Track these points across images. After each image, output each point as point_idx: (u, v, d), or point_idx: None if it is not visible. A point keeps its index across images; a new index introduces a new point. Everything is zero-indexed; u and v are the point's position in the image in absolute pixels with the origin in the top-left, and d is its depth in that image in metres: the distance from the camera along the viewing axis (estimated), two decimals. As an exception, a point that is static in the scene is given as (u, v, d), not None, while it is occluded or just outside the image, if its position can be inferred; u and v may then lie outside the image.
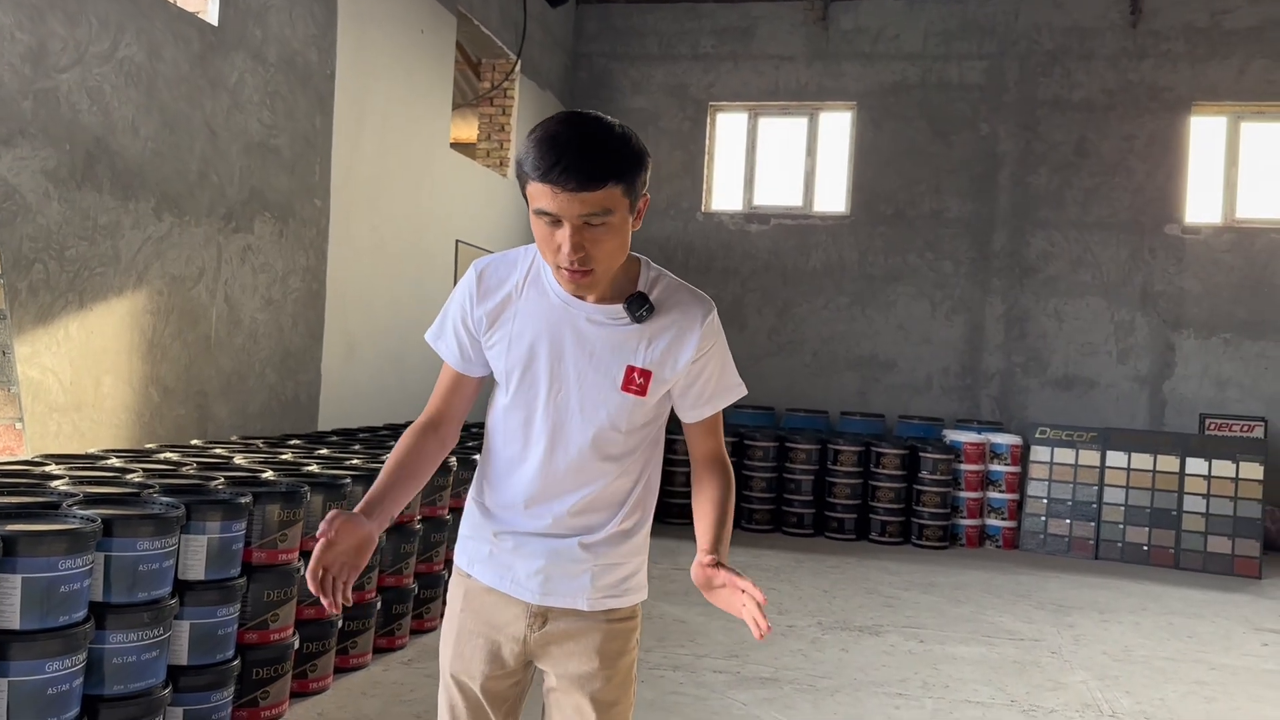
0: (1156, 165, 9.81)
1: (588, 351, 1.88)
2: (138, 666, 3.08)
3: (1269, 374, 9.56)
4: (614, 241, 1.76)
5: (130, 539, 3.07)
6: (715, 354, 1.94)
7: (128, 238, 4.93)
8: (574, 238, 1.72)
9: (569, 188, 1.67)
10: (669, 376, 1.90)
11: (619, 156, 1.71)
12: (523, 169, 1.73)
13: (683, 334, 1.89)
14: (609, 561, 1.96)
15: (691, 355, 1.90)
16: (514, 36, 9.37)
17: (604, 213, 1.71)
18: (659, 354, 1.89)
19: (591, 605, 1.95)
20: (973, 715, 4.34)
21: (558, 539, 1.94)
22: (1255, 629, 6.24)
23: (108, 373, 4.85)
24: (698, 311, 1.91)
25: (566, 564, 1.94)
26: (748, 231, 10.59)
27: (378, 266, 7.28)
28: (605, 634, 1.97)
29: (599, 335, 1.87)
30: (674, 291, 1.92)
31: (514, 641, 1.97)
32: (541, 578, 1.94)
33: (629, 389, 1.88)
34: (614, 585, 1.98)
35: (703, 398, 1.96)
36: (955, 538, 8.76)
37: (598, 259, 1.75)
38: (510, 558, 1.96)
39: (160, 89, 5.08)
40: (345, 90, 6.73)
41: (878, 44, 10.34)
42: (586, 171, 1.67)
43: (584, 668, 1.95)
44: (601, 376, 1.88)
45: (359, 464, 4.65)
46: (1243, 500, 8.22)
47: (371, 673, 4.46)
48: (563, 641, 1.96)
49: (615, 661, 1.98)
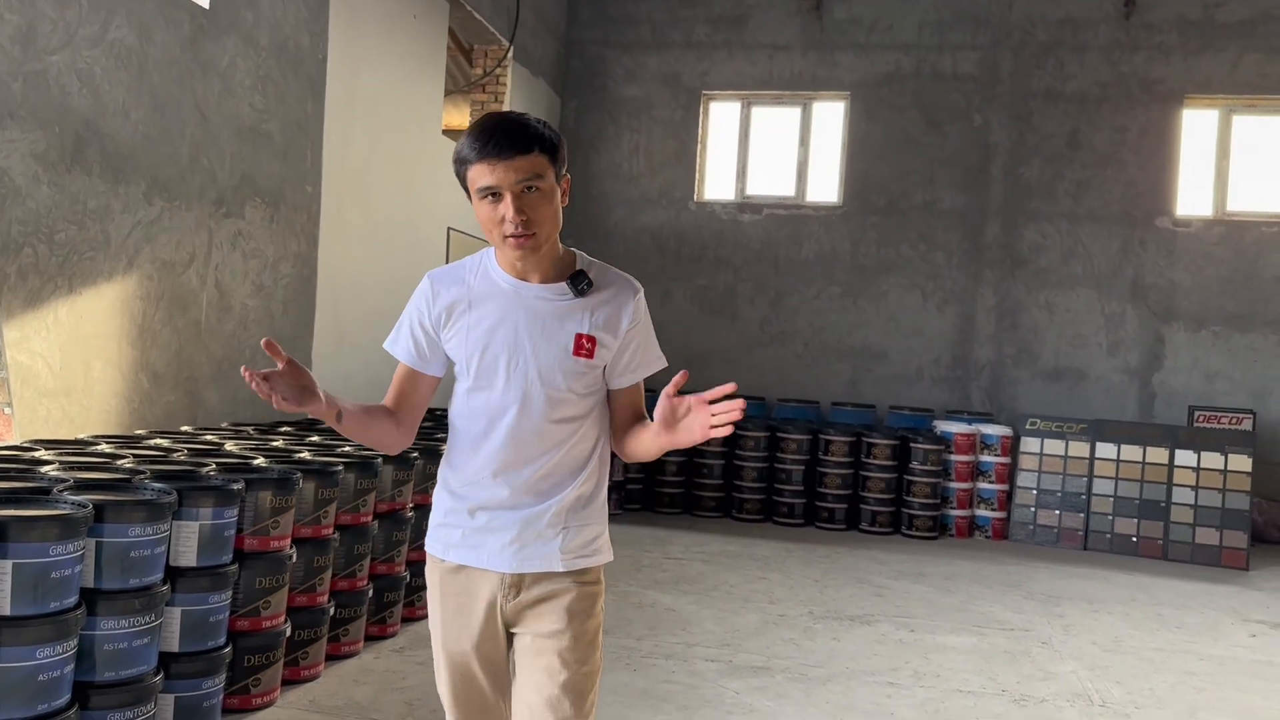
0: (1148, 158, 9.82)
1: (540, 325, 2.12)
2: (129, 653, 3.06)
3: (1258, 367, 9.60)
4: (548, 208, 2.05)
5: (122, 525, 3.05)
6: (644, 326, 2.23)
7: (118, 222, 4.88)
8: (515, 203, 2.01)
9: (504, 155, 1.99)
10: (611, 343, 2.16)
11: (538, 130, 2.04)
12: (462, 160, 2.05)
13: (620, 307, 2.17)
14: (577, 524, 2.16)
15: (627, 325, 2.17)
16: (506, 23, 9.32)
17: (536, 177, 2.02)
18: (601, 322, 2.15)
19: (566, 565, 2.13)
20: (964, 704, 4.35)
21: (527, 508, 2.13)
22: (1243, 620, 6.28)
23: (97, 358, 4.81)
24: (630, 288, 2.21)
25: (539, 529, 2.12)
26: (740, 221, 10.57)
27: (369, 253, 7.24)
28: (575, 594, 2.14)
29: (548, 310, 2.13)
30: (607, 272, 2.22)
31: (491, 611, 2.14)
32: (516, 547, 2.12)
33: (579, 354, 2.12)
34: (583, 546, 2.16)
35: (632, 365, 2.22)
36: (945, 528, 8.79)
37: (538, 222, 2.03)
38: (482, 535, 2.14)
39: (151, 72, 5.04)
40: (337, 75, 6.68)
41: (872, 34, 10.32)
42: (515, 140, 2.00)
43: (554, 625, 2.11)
44: (554, 345, 2.12)
45: (350, 450, 4.63)
46: (1231, 492, 8.26)
47: (363, 660, 4.44)
48: (535, 604, 2.13)
49: (584, 622, 2.14)
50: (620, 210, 10.72)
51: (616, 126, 10.82)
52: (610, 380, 2.22)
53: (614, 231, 10.65)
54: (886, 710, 4.22)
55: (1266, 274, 9.62)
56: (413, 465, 4.87)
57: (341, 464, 4.26)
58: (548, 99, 10.53)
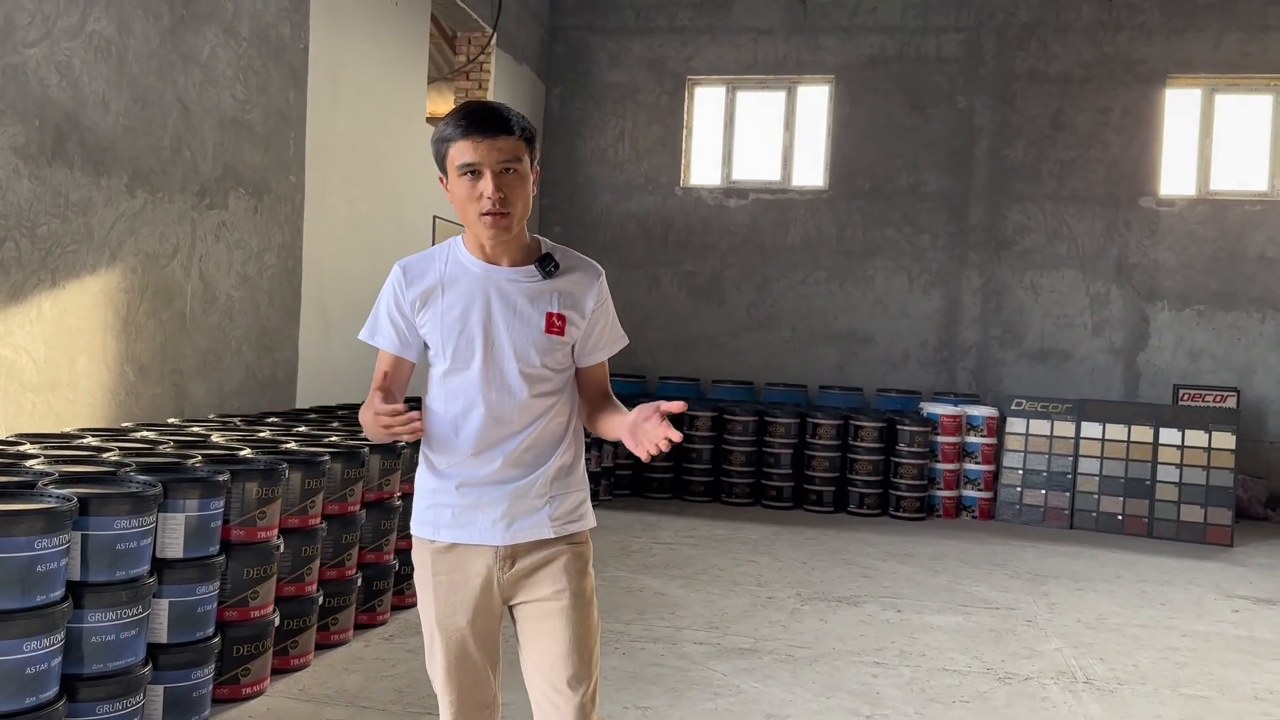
0: (1131, 138, 9.85)
1: (511, 306, 2.21)
2: (117, 645, 3.08)
3: (1241, 344, 9.67)
4: (523, 190, 2.15)
5: (108, 518, 3.07)
6: (608, 306, 2.34)
7: (100, 214, 4.87)
8: (495, 181, 2.11)
9: (488, 134, 2.10)
10: (579, 321, 2.26)
11: (518, 117, 2.17)
12: (444, 139, 2.14)
13: (586, 288, 2.28)
14: (562, 492, 2.27)
15: (592, 305, 2.28)
16: (489, 9, 9.29)
17: (515, 159, 2.13)
18: (569, 302, 2.25)
19: (556, 531, 2.23)
20: (949, 683, 4.40)
21: (514, 482, 2.21)
22: (1226, 596, 6.35)
23: (82, 351, 4.81)
24: (593, 272, 2.32)
25: (528, 501, 2.22)
26: (726, 206, 10.58)
27: (355, 242, 7.23)
28: (569, 556, 2.25)
29: (518, 290, 2.22)
30: (572, 255, 2.32)
31: (487, 585, 2.22)
32: (506, 520, 2.21)
33: (551, 331, 2.22)
34: (570, 512, 2.28)
35: (600, 344, 2.34)
36: (932, 509, 8.84)
37: (513, 202, 2.13)
38: (472, 512, 2.21)
39: (131, 64, 5.02)
40: (319, 64, 6.66)
41: (855, 17, 10.31)
42: (498, 122, 2.12)
43: (554, 587, 2.22)
44: (526, 324, 2.21)
45: (337, 440, 4.64)
46: (1215, 470, 8.33)
47: (353, 648, 4.47)
48: (532, 572, 2.23)
49: (580, 580, 2.26)
50: (606, 196, 10.72)
51: (601, 112, 10.81)
52: (579, 358, 2.32)
53: (600, 218, 10.65)
54: (872, 690, 4.27)
55: (1250, 252, 9.68)
56: (400, 454, 4.88)
57: (328, 454, 4.27)
58: (532, 85, 10.51)
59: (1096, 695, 4.34)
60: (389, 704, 3.84)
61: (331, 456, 4.29)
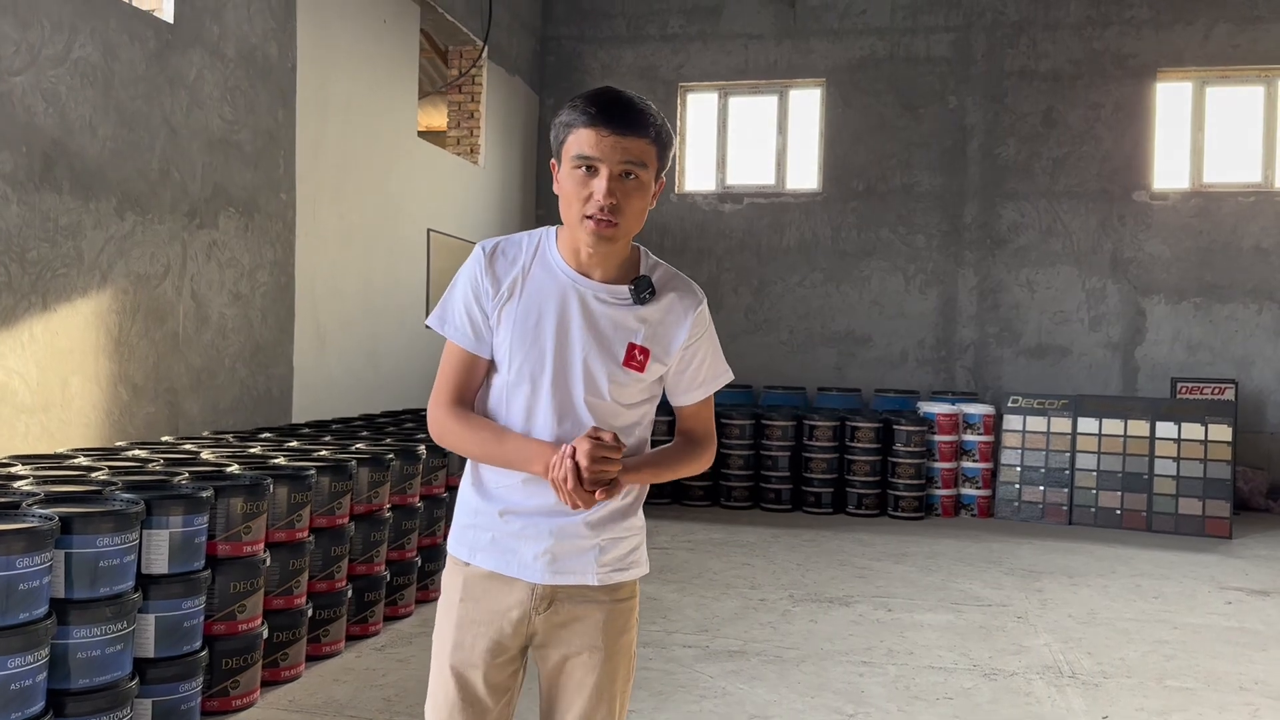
0: (1123, 133, 9.87)
1: (592, 326, 1.95)
2: (102, 660, 3.15)
3: (1239, 336, 9.66)
4: (640, 201, 1.90)
5: (90, 535, 3.13)
6: (705, 341, 2.06)
7: (90, 238, 4.96)
8: (610, 183, 1.85)
9: (616, 129, 1.84)
10: (665, 358, 2.00)
11: (658, 118, 1.91)
12: (567, 120, 1.88)
13: (679, 319, 2.01)
14: (613, 536, 2.01)
15: (684, 340, 2.01)
16: (480, 23, 9.37)
17: (639, 165, 1.87)
18: (656, 335, 1.99)
19: (601, 580, 1.99)
20: (934, 680, 4.43)
21: (562, 517, 1.96)
22: (1221, 588, 6.36)
23: (75, 373, 4.89)
24: (691, 300, 2.04)
25: (573, 540, 1.97)
26: (721, 211, 10.64)
27: (347, 258, 7.31)
28: (609, 613, 2.02)
29: (604, 312, 1.96)
30: (671, 279, 2.05)
31: (518, 625, 1.99)
32: (549, 557, 1.96)
33: (630, 364, 1.96)
34: (619, 559, 2.02)
35: (695, 382, 2.08)
36: (931, 508, 8.86)
37: (625, 213, 1.88)
38: (515, 541, 1.98)
39: (117, 88, 5.11)
40: (307, 83, 6.75)
41: (845, 19, 10.36)
42: (633, 118, 1.86)
43: (589, 643, 2.00)
44: (604, 351, 1.95)
45: (327, 455, 4.71)
46: (1212, 462, 8.33)
47: (344, 660, 4.53)
48: (569, 623, 2.00)
49: (618, 639, 2.03)
50: (602, 205, 10.76)
51: (595, 121, 10.85)
52: (671, 395, 2.10)
53: (596, 226, 10.70)
54: (858, 688, 4.31)
55: (1244, 244, 9.68)
56: (389, 466, 4.95)
57: (314, 468, 4.33)
58: (525, 97, 10.59)
59: (1081, 689, 4.37)
60: (376, 713, 3.90)
61: (318, 470, 4.36)
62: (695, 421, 2.12)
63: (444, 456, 5.63)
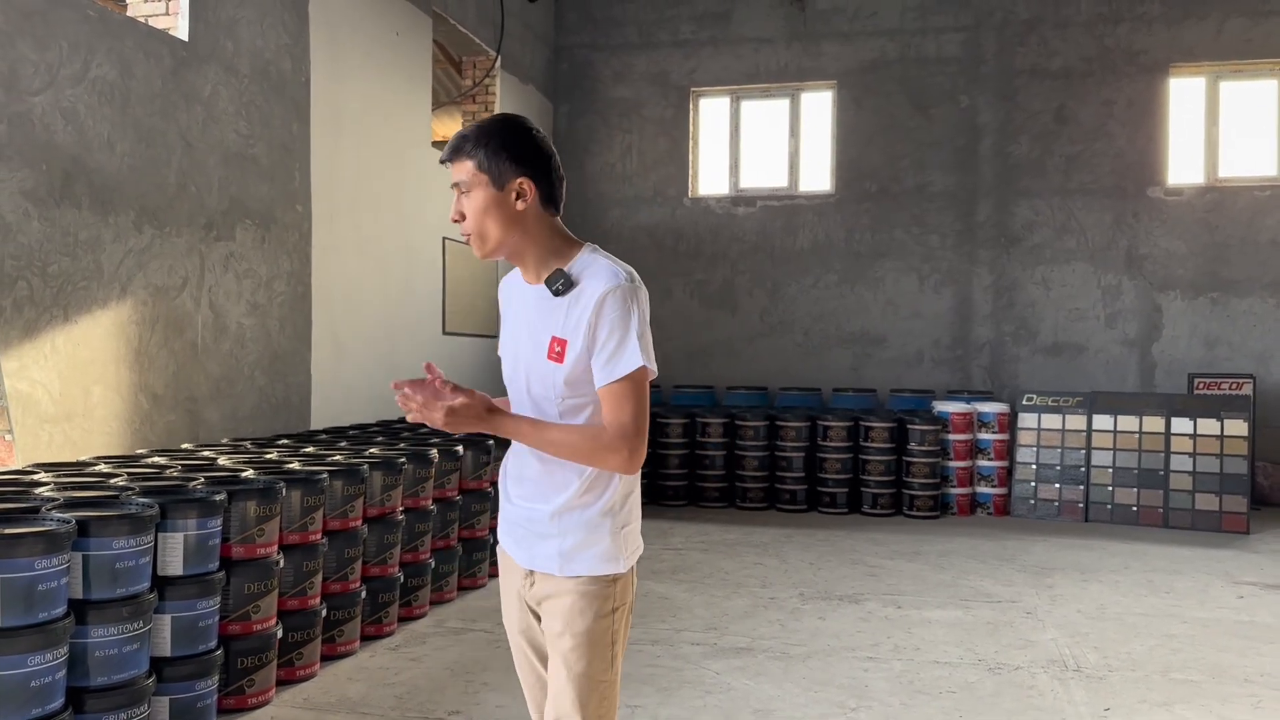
0: (1137, 129, 9.85)
1: (529, 326, 2.16)
2: (119, 659, 3.27)
3: (1256, 331, 9.61)
4: (478, 210, 2.11)
5: (107, 538, 3.25)
6: (609, 323, 2.03)
7: (109, 251, 5.10)
8: (454, 206, 2.16)
9: (444, 163, 2.18)
10: (582, 345, 2.05)
11: (472, 134, 2.13)
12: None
13: (588, 304, 2.05)
14: (572, 531, 2.13)
15: (590, 320, 2.04)
16: (493, 33, 9.50)
17: (462, 181, 2.13)
18: (574, 321, 2.07)
19: (561, 570, 2.13)
20: (938, 675, 4.48)
21: (530, 506, 2.18)
22: (1234, 582, 6.35)
23: (96, 383, 5.04)
24: (603, 281, 2.05)
25: (538, 529, 2.17)
26: (735, 215, 10.70)
27: (364, 267, 7.44)
28: (573, 599, 2.12)
29: (538, 310, 2.14)
30: (595, 266, 2.10)
31: (521, 596, 2.25)
32: (526, 543, 2.20)
33: (551, 357, 2.09)
34: (577, 553, 2.13)
35: (598, 365, 2.05)
36: (947, 507, 8.88)
37: (470, 220, 2.13)
38: (509, 527, 2.26)
39: (134, 106, 5.25)
40: (321, 96, 6.88)
41: (855, 22, 10.41)
42: (449, 149, 2.15)
43: (554, 627, 2.15)
44: (536, 348, 2.13)
45: (341, 459, 4.82)
46: (1229, 457, 8.30)
47: (359, 659, 4.64)
48: (543, 601, 2.19)
49: (582, 628, 2.12)
50: (616, 210, 10.88)
51: (608, 128, 10.98)
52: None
53: (610, 232, 10.80)
54: (862, 683, 4.36)
55: (1261, 238, 9.63)
56: (401, 470, 5.05)
57: (327, 472, 4.44)
58: (539, 105, 10.71)
59: (1085, 682, 4.40)
60: (388, 710, 4.00)
61: (330, 475, 4.47)
62: (605, 408, 2.07)
63: (456, 461, 5.74)
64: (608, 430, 2.05)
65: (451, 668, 4.50)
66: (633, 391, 2.04)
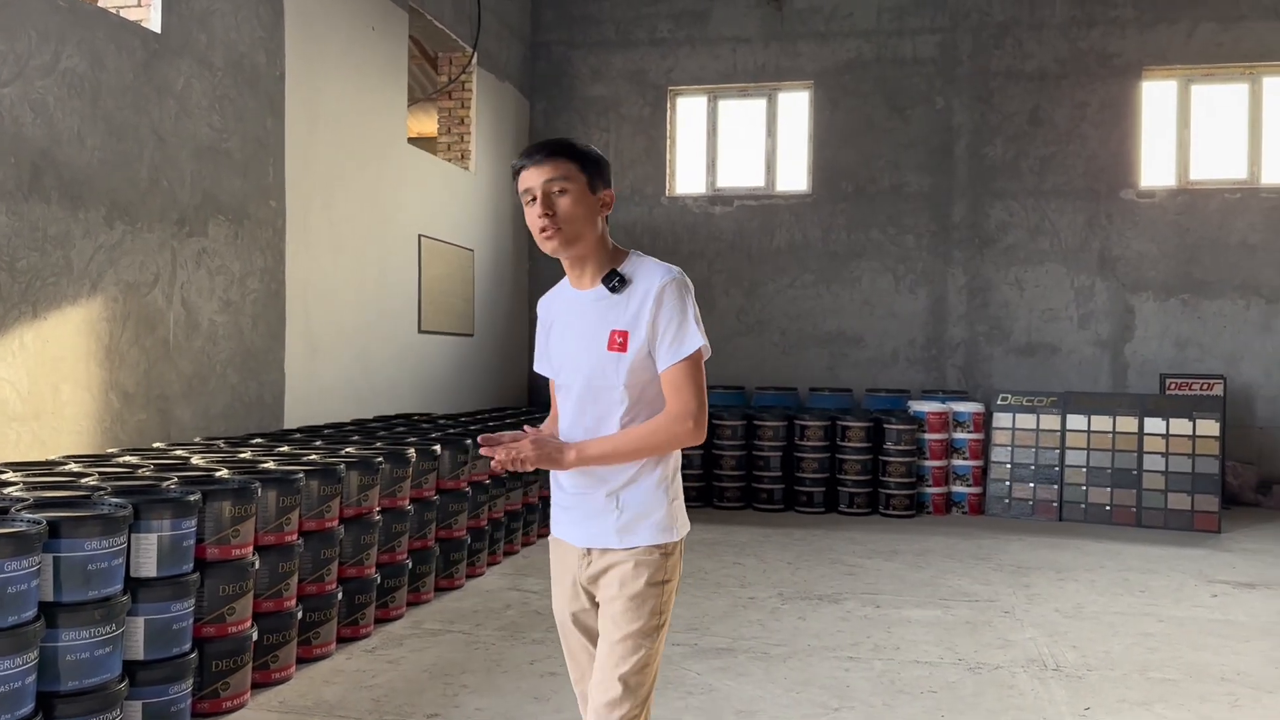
0: (1109, 131, 9.94)
1: (585, 328, 2.39)
2: (91, 662, 3.19)
3: (1226, 332, 9.72)
4: (576, 206, 2.30)
5: (79, 539, 3.17)
6: (669, 310, 2.31)
7: (79, 247, 5.00)
8: (543, 200, 2.30)
9: (536, 161, 2.32)
10: (645, 333, 2.32)
11: (573, 143, 2.37)
12: (513, 173, 2.37)
13: (647, 295, 2.33)
14: (629, 506, 2.37)
15: (651, 310, 2.31)
16: (469, 29, 9.43)
17: (563, 178, 2.30)
18: (633, 314, 2.33)
19: (621, 542, 2.37)
20: (918, 674, 4.48)
21: (589, 490, 2.40)
22: (1208, 581, 6.40)
23: (66, 380, 4.94)
24: (656, 277, 2.34)
25: (596, 508, 2.39)
26: (712, 214, 10.69)
27: (338, 264, 7.36)
28: (630, 566, 2.35)
29: (593, 311, 2.38)
30: (646, 264, 2.39)
31: (575, 579, 2.45)
32: (584, 525, 2.42)
33: (613, 348, 2.34)
34: (635, 525, 2.37)
35: (663, 349, 2.33)
36: (922, 506, 8.91)
37: (562, 217, 2.29)
38: (565, 513, 2.48)
39: (105, 98, 5.15)
40: (296, 90, 6.80)
41: (832, 22, 10.43)
42: (549, 148, 2.34)
43: (609, 591, 2.37)
44: (594, 344, 2.37)
45: (317, 459, 4.75)
46: (1200, 457, 8.38)
47: (335, 661, 4.57)
48: (599, 576, 2.40)
49: (634, 590, 2.34)
50: (593, 209, 10.81)
51: (585, 126, 10.94)
52: (656, 365, 2.35)
53: (587, 230, 10.74)
54: (843, 683, 4.35)
55: (1231, 240, 9.74)
56: (378, 470, 4.99)
57: (302, 472, 4.37)
58: (515, 102, 10.65)
59: (1064, 681, 4.41)
60: (366, 713, 3.94)
61: (306, 474, 4.40)
62: (668, 390, 2.34)
63: (434, 461, 5.68)
64: (672, 409, 2.33)
65: (430, 670, 4.44)
66: (693, 370, 2.34)
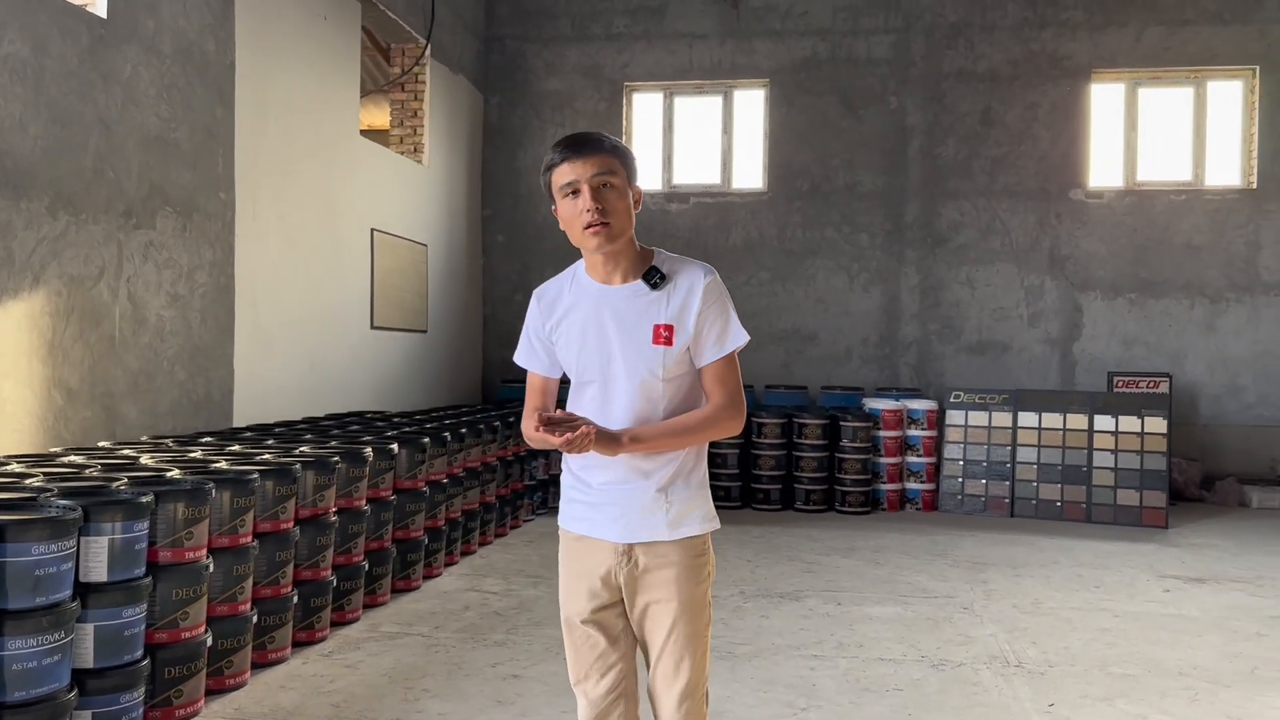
0: (1059, 132, 10.07)
1: (622, 322, 2.37)
2: (39, 672, 3.06)
3: (1173, 331, 9.91)
4: (621, 201, 2.31)
5: (25, 544, 3.04)
6: (716, 307, 2.37)
7: (20, 238, 4.82)
8: (592, 194, 2.28)
9: (583, 154, 2.29)
10: (689, 328, 2.35)
11: (613, 140, 2.38)
12: (548, 164, 2.34)
13: (691, 291, 2.36)
14: (679, 497, 2.38)
15: (698, 308, 2.35)
16: (422, 21, 9.28)
17: (609, 172, 2.29)
18: (676, 310, 2.36)
19: (670, 535, 2.37)
20: (884, 672, 4.48)
21: (632, 484, 2.37)
22: (1159, 576, 6.51)
23: (6, 377, 4.75)
24: (699, 274, 2.39)
25: (644, 503, 2.37)
26: (668, 211, 10.65)
27: (289, 259, 7.19)
28: (678, 570, 2.37)
29: (630, 307, 2.37)
30: (681, 262, 2.43)
31: (606, 578, 2.40)
32: (625, 520, 2.37)
33: (658, 342, 2.35)
34: (684, 516, 2.38)
35: (710, 344, 2.38)
36: (877, 503, 8.96)
37: (611, 212, 2.29)
38: (598, 509, 2.41)
39: (48, 85, 4.97)
40: (246, 80, 6.62)
41: (787, 20, 10.44)
42: (593, 142, 2.32)
43: (659, 595, 2.36)
44: (634, 339, 2.36)
45: (270, 459, 4.63)
46: (1148, 454, 8.53)
47: (291, 666, 4.45)
48: (647, 573, 2.37)
49: (688, 594, 2.37)
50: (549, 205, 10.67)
51: (540, 120, 10.84)
52: (697, 361, 2.40)
53: (543, 226, 10.65)
54: (809, 681, 4.33)
55: (1176, 241, 9.93)
56: (334, 470, 4.87)
57: (257, 472, 4.25)
58: (469, 95, 10.51)
59: (1027, 677, 4.44)
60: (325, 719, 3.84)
61: (261, 474, 4.27)
62: (713, 383, 2.40)
63: (390, 460, 5.57)
64: (718, 399, 2.38)
65: (389, 674, 4.34)
66: (735, 363, 2.42)
